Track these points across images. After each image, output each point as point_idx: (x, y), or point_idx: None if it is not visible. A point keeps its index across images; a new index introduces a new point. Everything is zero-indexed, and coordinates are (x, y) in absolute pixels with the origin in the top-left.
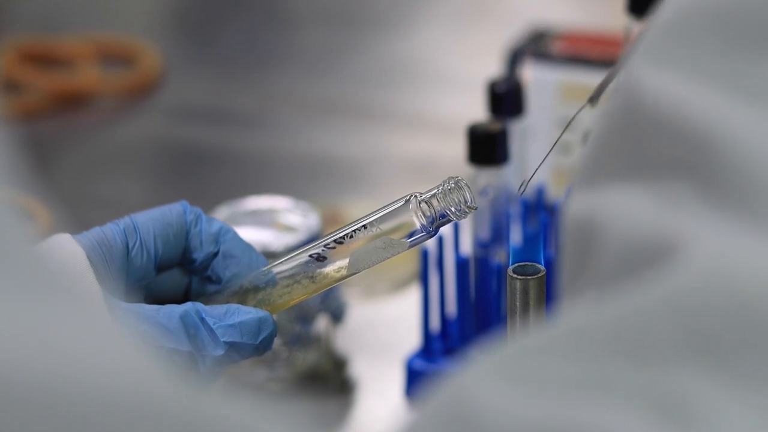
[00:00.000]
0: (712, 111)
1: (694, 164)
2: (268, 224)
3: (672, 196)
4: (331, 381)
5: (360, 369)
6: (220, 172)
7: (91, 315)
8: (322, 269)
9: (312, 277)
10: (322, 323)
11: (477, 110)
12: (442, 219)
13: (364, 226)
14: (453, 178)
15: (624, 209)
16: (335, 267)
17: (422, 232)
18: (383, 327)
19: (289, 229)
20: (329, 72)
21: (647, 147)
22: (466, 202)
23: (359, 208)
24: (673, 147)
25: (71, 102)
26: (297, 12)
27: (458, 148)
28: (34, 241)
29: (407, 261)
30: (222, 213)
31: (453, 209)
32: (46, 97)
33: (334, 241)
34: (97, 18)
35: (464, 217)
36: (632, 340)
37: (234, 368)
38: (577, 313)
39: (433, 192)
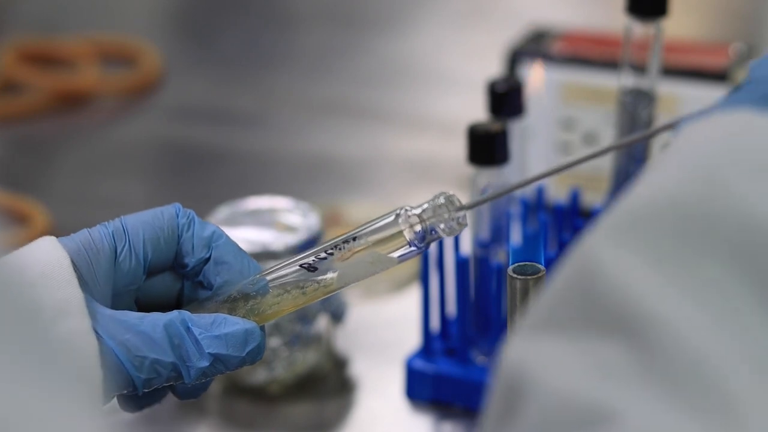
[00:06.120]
0: (656, 296)
1: (631, 335)
2: (268, 224)
3: (606, 360)
4: (331, 381)
5: (360, 369)
6: (220, 172)
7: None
8: (313, 280)
9: (302, 287)
10: (322, 323)
11: (477, 110)
12: (432, 234)
13: (354, 238)
14: (444, 193)
15: (556, 364)
16: (325, 278)
17: (411, 247)
18: (383, 327)
19: (289, 229)
20: (329, 72)
21: (590, 310)
22: (457, 219)
23: (359, 209)
24: (615, 316)
25: (71, 102)
26: (297, 12)
27: (458, 148)
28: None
29: (407, 261)
30: (222, 213)
31: (442, 225)
32: (46, 97)
33: (325, 251)
34: (97, 18)
35: (454, 234)
36: None
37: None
38: None
39: (423, 207)
